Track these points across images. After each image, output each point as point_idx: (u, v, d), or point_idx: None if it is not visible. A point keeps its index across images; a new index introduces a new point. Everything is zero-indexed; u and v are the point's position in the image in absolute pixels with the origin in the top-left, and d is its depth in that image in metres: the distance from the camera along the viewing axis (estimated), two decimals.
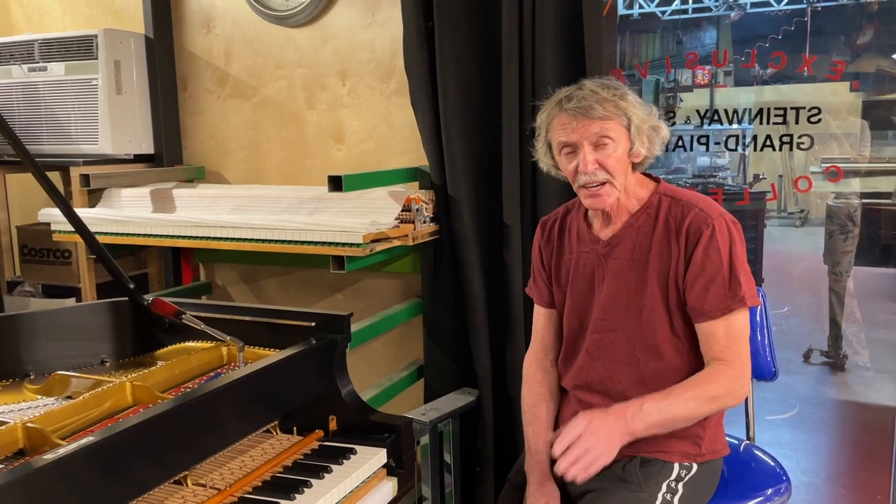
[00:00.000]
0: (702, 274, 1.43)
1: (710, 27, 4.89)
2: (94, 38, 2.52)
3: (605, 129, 1.43)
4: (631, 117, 1.45)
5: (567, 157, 1.48)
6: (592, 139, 1.44)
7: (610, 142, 1.44)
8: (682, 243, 1.45)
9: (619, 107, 1.44)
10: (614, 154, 1.45)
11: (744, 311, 1.44)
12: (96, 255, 1.68)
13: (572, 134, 1.45)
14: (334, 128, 2.55)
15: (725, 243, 1.43)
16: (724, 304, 1.42)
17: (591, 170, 1.44)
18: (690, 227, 1.44)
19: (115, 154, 2.58)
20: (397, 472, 1.44)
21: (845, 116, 3.66)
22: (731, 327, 1.43)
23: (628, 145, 1.46)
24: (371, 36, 2.44)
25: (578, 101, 1.43)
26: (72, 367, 1.56)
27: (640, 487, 1.46)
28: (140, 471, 1.08)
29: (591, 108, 1.42)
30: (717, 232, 1.43)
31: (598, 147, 1.44)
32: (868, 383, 3.63)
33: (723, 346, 1.43)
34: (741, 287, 1.42)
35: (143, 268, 2.77)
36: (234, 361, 1.57)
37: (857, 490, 2.76)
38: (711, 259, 1.42)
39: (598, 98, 1.43)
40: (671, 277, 1.46)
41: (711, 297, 1.43)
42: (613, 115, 1.43)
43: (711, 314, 1.43)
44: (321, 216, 2.16)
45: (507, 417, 2.20)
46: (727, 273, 1.42)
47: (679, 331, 1.48)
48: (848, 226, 3.70)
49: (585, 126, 1.43)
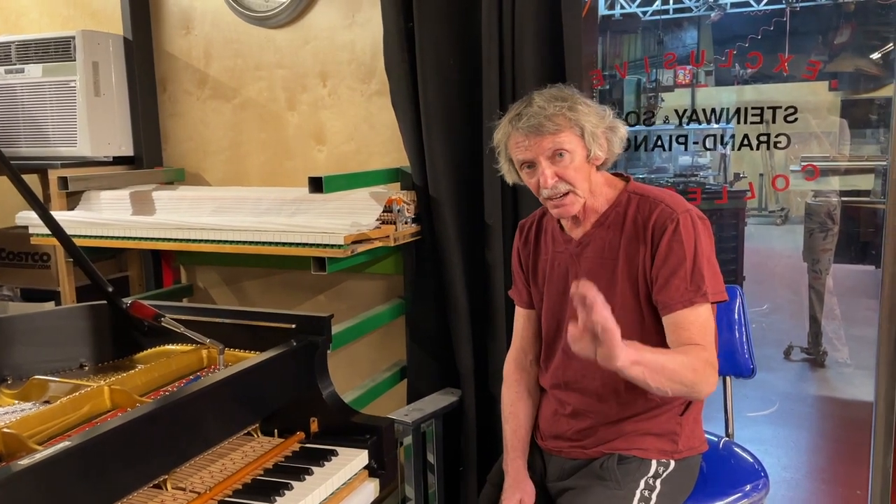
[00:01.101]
0: (665, 266, 1.44)
1: (691, 27, 4.92)
2: (71, 39, 2.50)
3: (559, 143, 1.44)
4: (583, 125, 1.45)
5: (527, 174, 1.50)
6: (547, 154, 1.45)
7: (566, 153, 1.45)
8: (648, 239, 1.46)
9: (568, 118, 1.44)
10: (572, 164, 1.46)
11: (706, 307, 1.43)
12: (74, 259, 1.66)
13: (527, 152, 1.47)
14: (315, 129, 2.54)
15: (689, 237, 1.43)
16: (686, 297, 1.42)
17: (550, 184, 1.45)
18: (656, 223, 1.46)
19: (94, 156, 2.55)
20: (379, 474, 1.45)
21: (825, 115, 3.69)
22: (696, 319, 1.43)
23: (585, 152, 1.47)
24: (351, 37, 2.43)
25: (528, 119, 1.45)
26: (50, 371, 1.54)
27: (618, 485, 1.47)
28: (118, 475, 1.08)
29: (540, 125, 1.43)
30: (682, 226, 1.43)
31: (555, 160, 1.45)
32: (848, 379, 3.67)
33: (693, 333, 1.41)
34: (704, 281, 1.42)
35: (123, 271, 2.75)
36: (214, 364, 1.57)
37: (836, 485, 2.79)
38: (674, 252, 1.43)
39: (546, 114, 1.44)
40: (640, 274, 1.48)
41: (673, 289, 1.43)
42: (564, 128, 1.44)
43: (673, 306, 1.43)
44: (302, 217, 2.16)
45: (490, 417, 2.21)
46: (690, 266, 1.42)
47: (650, 327, 1.49)
48: (828, 224, 3.74)
49: (538, 143, 1.45)
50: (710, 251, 1.46)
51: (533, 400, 1.68)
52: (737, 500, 1.59)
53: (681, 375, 1.35)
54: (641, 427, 1.51)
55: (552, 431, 1.61)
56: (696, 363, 1.37)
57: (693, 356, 1.37)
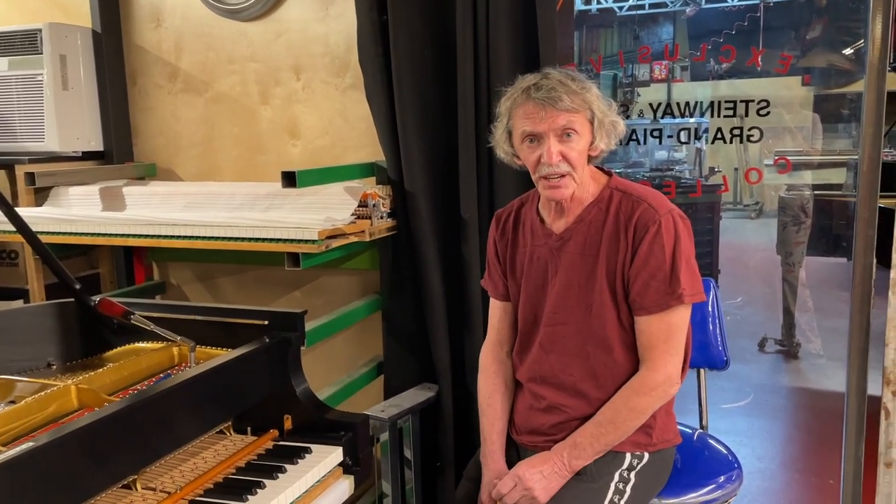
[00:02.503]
0: (644, 269, 1.44)
1: (667, 23, 4.95)
2: (38, 32, 2.45)
3: (572, 122, 1.43)
4: (595, 111, 1.45)
5: (529, 147, 1.47)
6: (558, 131, 1.43)
7: (575, 134, 1.44)
8: (629, 238, 1.46)
9: (585, 100, 1.44)
10: (577, 147, 1.45)
11: (682, 309, 1.46)
12: (40, 256, 1.63)
13: (539, 124, 1.43)
14: (289, 123, 2.51)
15: (670, 240, 1.44)
16: (662, 301, 1.44)
17: (555, 161, 1.43)
18: (638, 223, 1.45)
19: (62, 151, 2.50)
20: (354, 471, 1.43)
21: (798, 110, 3.74)
22: (664, 324, 1.45)
23: (590, 139, 1.47)
24: (325, 30, 2.41)
25: (548, 90, 1.42)
26: (16, 370, 1.51)
27: (593, 478, 1.47)
28: (85, 476, 1.06)
29: (560, 98, 1.41)
30: (663, 228, 1.44)
31: (563, 139, 1.44)
32: (820, 370, 3.72)
33: (651, 344, 1.47)
34: (680, 285, 1.43)
35: (94, 268, 2.70)
36: (185, 362, 1.55)
37: (810, 475, 2.83)
38: (655, 255, 1.43)
39: (567, 90, 1.42)
40: (619, 271, 1.48)
41: (651, 292, 1.44)
42: (580, 108, 1.43)
43: (650, 309, 1.45)
44: (276, 213, 2.14)
45: (467, 412, 2.21)
46: (668, 270, 1.43)
47: (627, 325, 1.50)
48: (801, 217, 3.78)
49: (553, 117, 1.42)
50: (690, 252, 1.47)
51: (510, 391, 1.68)
52: (710, 491, 1.61)
53: (631, 427, 1.48)
54: None
55: (527, 426, 1.60)
56: (644, 404, 1.47)
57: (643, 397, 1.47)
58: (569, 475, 1.47)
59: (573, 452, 1.47)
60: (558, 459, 1.47)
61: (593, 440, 1.47)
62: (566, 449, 1.48)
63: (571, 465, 1.47)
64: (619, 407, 1.47)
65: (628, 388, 1.48)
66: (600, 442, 1.47)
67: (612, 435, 1.47)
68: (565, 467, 1.46)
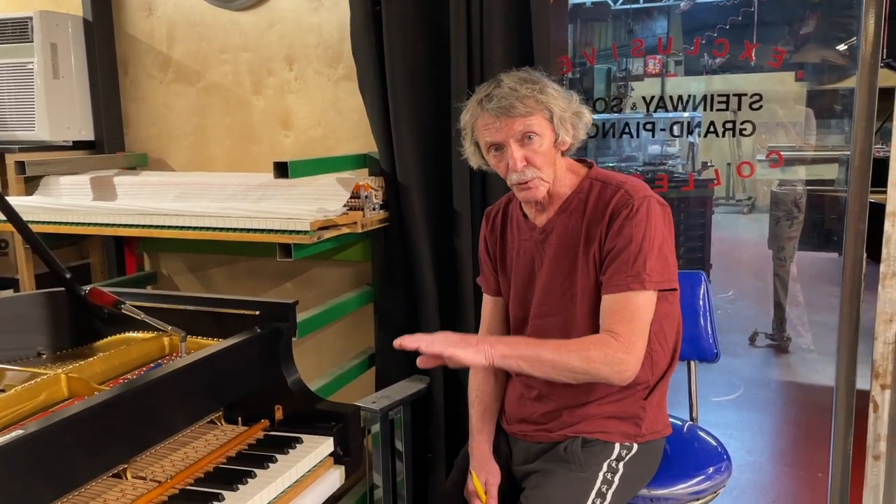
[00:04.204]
0: (612, 249, 1.44)
1: (661, 17, 4.95)
2: (28, 20, 2.43)
3: (529, 126, 1.43)
4: (552, 109, 1.44)
5: (495, 157, 1.48)
6: (517, 136, 1.44)
7: (536, 136, 1.44)
8: (605, 222, 1.46)
9: (539, 101, 1.43)
10: (540, 149, 1.45)
11: (644, 293, 1.41)
12: (30, 245, 1.62)
13: (497, 134, 1.44)
14: (282, 114, 2.50)
15: (641, 223, 1.42)
16: (622, 281, 1.41)
17: (519, 168, 1.44)
18: (615, 207, 1.45)
19: (53, 140, 2.49)
20: (345, 461, 1.44)
21: (791, 105, 3.74)
22: (631, 305, 1.41)
23: (553, 136, 1.46)
24: (318, 20, 2.40)
25: (499, 100, 1.42)
26: (6, 359, 1.51)
27: (582, 468, 1.48)
28: (74, 464, 1.05)
29: (512, 106, 1.41)
30: (636, 211, 1.43)
31: (524, 143, 1.44)
32: (811, 365, 3.74)
33: (614, 321, 1.41)
34: (645, 268, 1.41)
35: (85, 258, 2.69)
36: (176, 352, 1.54)
37: (799, 468, 2.85)
38: (623, 235, 1.42)
39: (518, 95, 1.42)
40: (596, 258, 1.47)
41: (612, 270, 1.43)
42: (535, 110, 1.43)
43: (609, 287, 1.43)
44: (268, 203, 2.13)
45: (458, 404, 2.21)
46: (635, 251, 1.41)
47: None
48: (793, 212, 3.79)
49: (509, 125, 1.43)
50: (664, 239, 1.45)
51: (499, 384, 1.68)
52: (699, 482, 1.61)
53: (565, 364, 1.38)
54: (605, 410, 1.52)
55: (518, 415, 1.61)
56: (594, 354, 1.38)
57: (595, 346, 1.39)
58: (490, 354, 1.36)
59: (504, 340, 1.44)
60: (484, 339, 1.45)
61: (531, 349, 1.40)
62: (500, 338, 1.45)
63: (494, 347, 1.37)
64: (573, 343, 1.41)
65: (590, 337, 1.42)
66: (534, 353, 1.39)
67: (547, 356, 1.38)
68: (488, 344, 1.38)
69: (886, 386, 1.95)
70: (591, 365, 1.38)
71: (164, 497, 1.18)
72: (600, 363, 1.38)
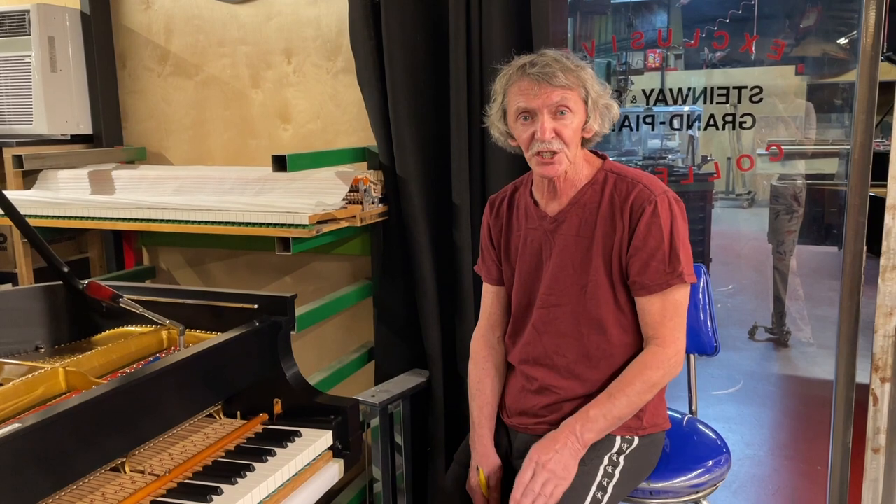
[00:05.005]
0: (643, 249, 1.45)
1: (661, 10, 4.94)
2: (26, 13, 2.42)
3: (566, 99, 1.43)
4: (589, 91, 1.46)
5: (524, 125, 1.47)
6: (552, 107, 1.43)
7: (569, 112, 1.44)
8: (625, 219, 1.47)
9: (580, 78, 1.44)
10: (571, 125, 1.45)
11: (682, 287, 1.47)
12: (28, 239, 1.61)
13: (533, 100, 1.44)
14: (280, 107, 2.50)
15: (667, 219, 1.45)
16: (663, 280, 1.45)
17: (548, 137, 1.43)
18: (634, 203, 1.46)
19: (51, 134, 2.48)
20: (344, 454, 1.43)
21: (791, 99, 3.73)
22: (668, 302, 1.46)
23: (584, 118, 1.47)
24: (316, 13, 2.39)
25: (542, 66, 1.43)
26: (4, 353, 1.50)
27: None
28: (72, 458, 1.05)
29: (554, 75, 1.42)
30: (660, 208, 1.44)
31: (556, 116, 1.44)
32: (810, 358, 3.74)
33: (657, 322, 1.47)
34: (680, 263, 1.45)
35: (83, 252, 2.69)
36: (174, 345, 1.54)
37: (798, 461, 2.85)
38: (653, 234, 1.44)
39: (562, 66, 1.43)
40: (615, 253, 1.48)
41: (652, 271, 1.45)
42: (574, 86, 1.44)
43: (651, 288, 1.46)
44: (266, 197, 2.13)
45: (458, 398, 2.21)
46: (668, 249, 1.44)
47: (623, 305, 1.50)
48: (793, 206, 3.79)
49: (547, 93, 1.43)
50: (685, 233, 1.48)
51: (500, 376, 1.67)
52: (699, 475, 1.61)
53: (640, 402, 1.48)
54: None
55: (518, 408, 1.60)
56: (654, 377, 1.46)
57: (651, 370, 1.46)
58: (582, 450, 1.44)
59: (586, 425, 1.44)
60: (570, 433, 1.44)
61: (606, 412, 1.45)
62: (578, 423, 1.45)
63: (584, 439, 1.44)
64: (630, 379, 1.46)
65: (639, 362, 1.47)
66: (612, 414, 1.45)
67: (624, 408, 1.45)
68: (577, 440, 1.44)
69: (886, 379, 1.95)
70: (656, 387, 1.48)
71: (163, 490, 1.18)
72: (662, 379, 1.48)
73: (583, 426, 1.45)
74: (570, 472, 1.41)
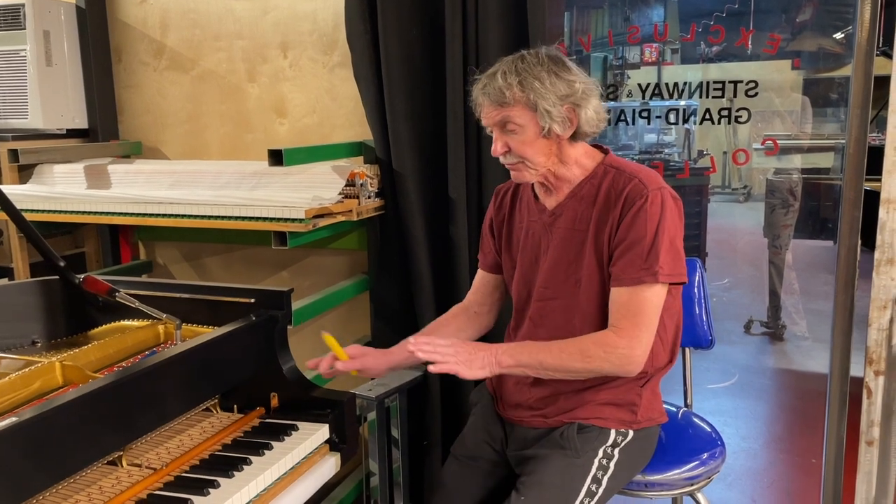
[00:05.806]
0: (624, 240, 1.44)
1: (657, 4, 4.94)
2: (21, 7, 2.41)
3: (507, 117, 1.44)
4: (536, 102, 1.42)
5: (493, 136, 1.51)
6: (498, 124, 1.47)
7: (516, 127, 1.45)
8: (616, 212, 1.46)
9: (517, 93, 1.42)
10: (520, 138, 1.45)
11: (655, 286, 1.42)
12: (24, 233, 1.61)
13: (484, 118, 1.49)
14: (276, 101, 2.49)
15: (655, 215, 1.42)
16: (635, 274, 1.42)
17: (499, 152, 1.48)
18: (627, 197, 1.45)
19: (46, 129, 2.48)
20: (340, 448, 1.44)
21: (788, 94, 3.73)
22: (636, 298, 1.42)
23: (538, 128, 1.44)
24: (313, 6, 2.38)
25: (483, 87, 1.46)
26: (1, 348, 1.50)
27: (577, 453, 1.48)
28: (69, 452, 1.05)
29: (492, 93, 1.44)
30: (650, 203, 1.42)
31: (505, 131, 1.46)
32: (805, 352, 3.76)
33: (621, 315, 1.43)
34: (658, 261, 1.41)
35: (79, 247, 2.68)
36: (171, 340, 1.54)
37: (793, 454, 2.87)
38: (636, 228, 1.42)
39: (498, 85, 1.43)
40: (605, 246, 1.48)
41: (625, 263, 1.43)
42: (515, 102, 1.43)
43: (622, 280, 1.43)
44: (263, 191, 2.12)
45: (455, 392, 2.22)
46: (648, 244, 1.41)
47: None
48: (789, 200, 3.80)
49: (489, 112, 1.47)
50: (676, 232, 1.45)
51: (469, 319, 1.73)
52: (694, 467, 1.62)
53: (567, 366, 1.43)
54: (602, 397, 1.52)
55: (514, 400, 1.61)
56: (594, 351, 1.42)
57: (596, 345, 1.42)
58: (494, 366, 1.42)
59: (509, 350, 1.44)
60: (494, 347, 1.44)
61: (533, 351, 1.44)
62: (505, 346, 1.45)
63: (499, 358, 1.42)
64: (574, 342, 1.44)
65: (591, 335, 1.45)
66: (537, 358, 1.43)
67: (550, 360, 1.42)
68: (493, 355, 1.42)
69: (880, 372, 1.96)
70: (592, 363, 1.42)
71: (160, 484, 1.18)
72: (601, 360, 1.42)
73: (507, 349, 1.44)
74: (471, 366, 1.40)
